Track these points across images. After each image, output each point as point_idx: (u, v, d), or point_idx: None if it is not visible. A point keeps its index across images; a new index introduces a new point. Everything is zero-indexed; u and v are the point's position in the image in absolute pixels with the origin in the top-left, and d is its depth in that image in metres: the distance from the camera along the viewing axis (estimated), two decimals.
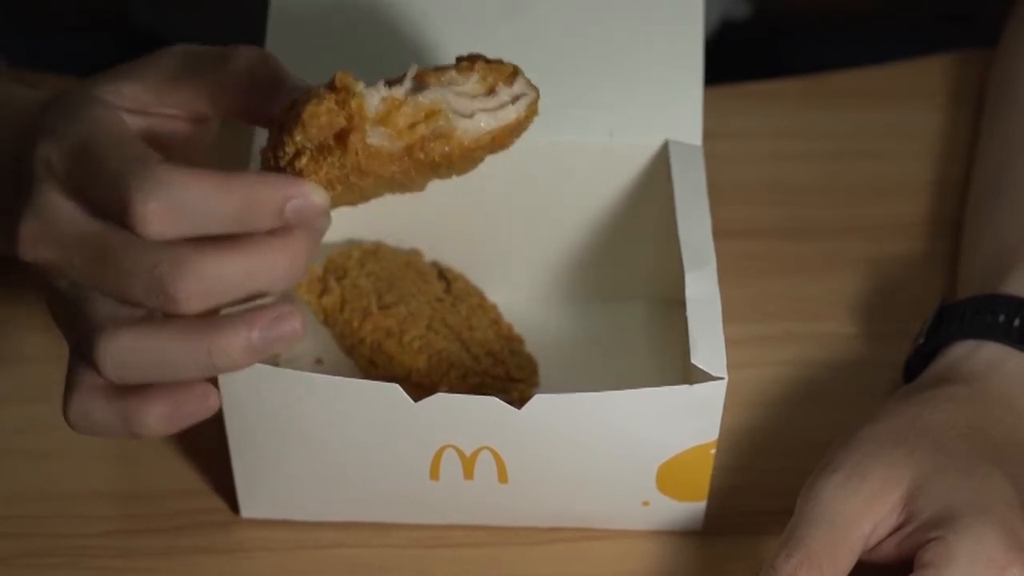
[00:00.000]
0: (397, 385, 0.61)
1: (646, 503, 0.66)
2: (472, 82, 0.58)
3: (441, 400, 0.62)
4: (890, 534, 0.61)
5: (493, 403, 0.62)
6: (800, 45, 0.98)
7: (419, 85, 0.57)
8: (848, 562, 0.60)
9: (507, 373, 0.71)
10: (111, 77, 0.60)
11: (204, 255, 0.55)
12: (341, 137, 0.56)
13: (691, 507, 0.67)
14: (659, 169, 0.72)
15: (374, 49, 0.72)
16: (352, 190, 0.58)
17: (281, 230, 0.56)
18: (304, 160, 0.56)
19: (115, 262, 0.56)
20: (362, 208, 0.74)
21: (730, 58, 0.91)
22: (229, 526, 0.68)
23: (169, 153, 0.58)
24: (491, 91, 0.58)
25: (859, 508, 0.61)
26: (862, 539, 0.61)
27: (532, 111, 0.59)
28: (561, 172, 0.72)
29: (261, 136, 0.68)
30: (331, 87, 0.56)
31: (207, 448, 0.70)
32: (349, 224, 0.75)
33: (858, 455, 0.62)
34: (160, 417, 0.58)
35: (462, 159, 0.58)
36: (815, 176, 0.85)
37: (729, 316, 0.64)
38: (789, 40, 0.99)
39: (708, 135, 0.71)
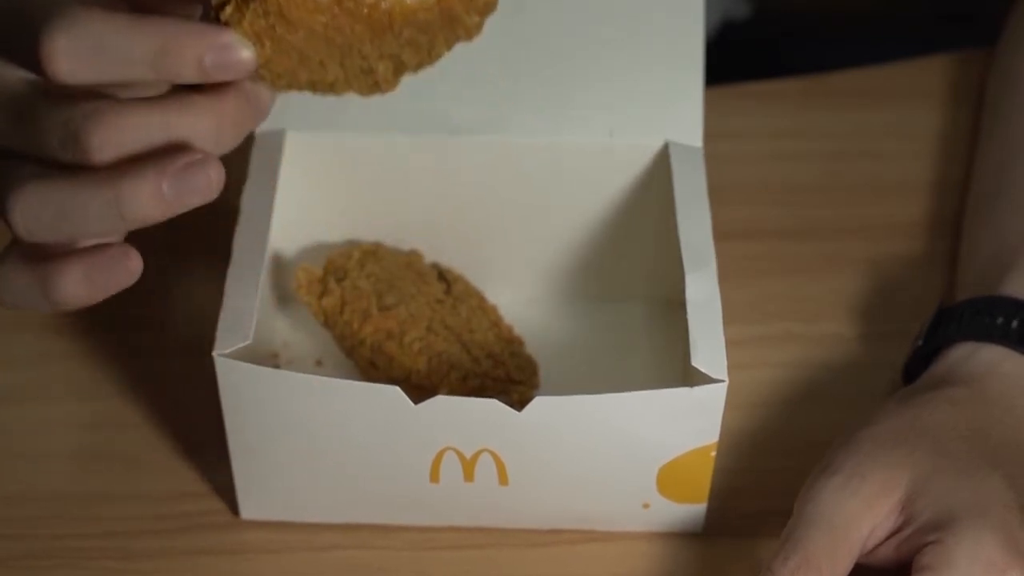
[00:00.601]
0: (397, 387, 0.61)
1: (646, 505, 0.66)
2: None
3: (441, 402, 0.62)
4: (888, 536, 0.61)
5: (493, 405, 0.62)
6: (800, 45, 0.98)
7: None
8: (846, 564, 0.60)
9: (507, 375, 0.71)
10: None
11: (122, 106, 0.53)
12: None
13: (691, 509, 0.67)
14: (659, 169, 0.72)
15: None
16: (284, 50, 0.55)
17: (207, 88, 0.55)
18: (229, 10, 0.54)
19: (36, 118, 0.55)
20: (362, 208, 0.74)
21: (730, 58, 0.91)
22: (229, 527, 0.68)
23: None
24: None
25: (858, 510, 0.61)
26: (860, 541, 0.61)
27: None
28: (561, 172, 0.72)
29: (262, 136, 0.68)
30: None
31: (207, 449, 0.70)
32: (349, 224, 0.75)
33: (857, 457, 0.62)
34: (76, 281, 0.55)
35: (405, 22, 0.55)
36: (815, 176, 0.85)
37: (729, 317, 0.64)
38: (789, 40, 0.99)
39: (708, 135, 0.71)
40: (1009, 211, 0.75)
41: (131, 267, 0.56)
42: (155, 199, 0.53)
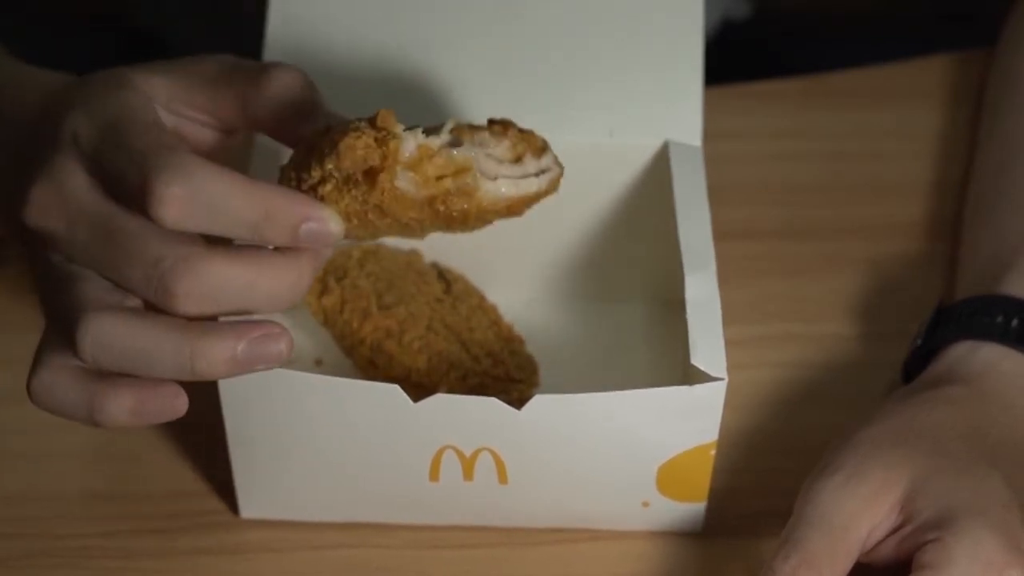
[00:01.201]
0: (397, 386, 0.61)
1: (646, 504, 0.66)
2: (503, 147, 0.59)
3: (441, 401, 0.62)
4: (888, 535, 0.61)
5: (493, 404, 0.62)
6: (800, 45, 0.98)
7: (454, 139, 0.58)
8: (846, 564, 0.60)
9: (507, 374, 0.71)
10: (148, 68, 0.60)
11: (211, 258, 0.55)
12: (370, 174, 0.56)
13: (691, 508, 0.67)
14: (659, 169, 0.71)
15: (373, 49, 0.72)
16: (365, 227, 0.58)
17: (289, 250, 0.57)
18: (328, 187, 0.56)
19: (121, 245, 0.56)
20: None
21: (730, 58, 0.91)
22: (229, 526, 0.68)
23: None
24: (518, 159, 0.59)
25: (857, 509, 0.61)
26: (860, 540, 0.61)
27: (553, 186, 0.60)
28: None
29: (262, 141, 0.69)
30: (371, 123, 0.57)
31: (207, 448, 0.70)
32: None
33: (856, 457, 0.62)
34: (124, 409, 0.57)
35: (476, 219, 0.59)
36: (815, 176, 0.85)
37: (729, 317, 0.64)
38: (789, 40, 0.99)
39: (708, 135, 0.71)
40: (1009, 211, 0.75)
41: (178, 407, 0.58)
42: (228, 361, 0.56)
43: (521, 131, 0.59)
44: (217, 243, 0.56)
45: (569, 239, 0.75)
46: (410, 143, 0.57)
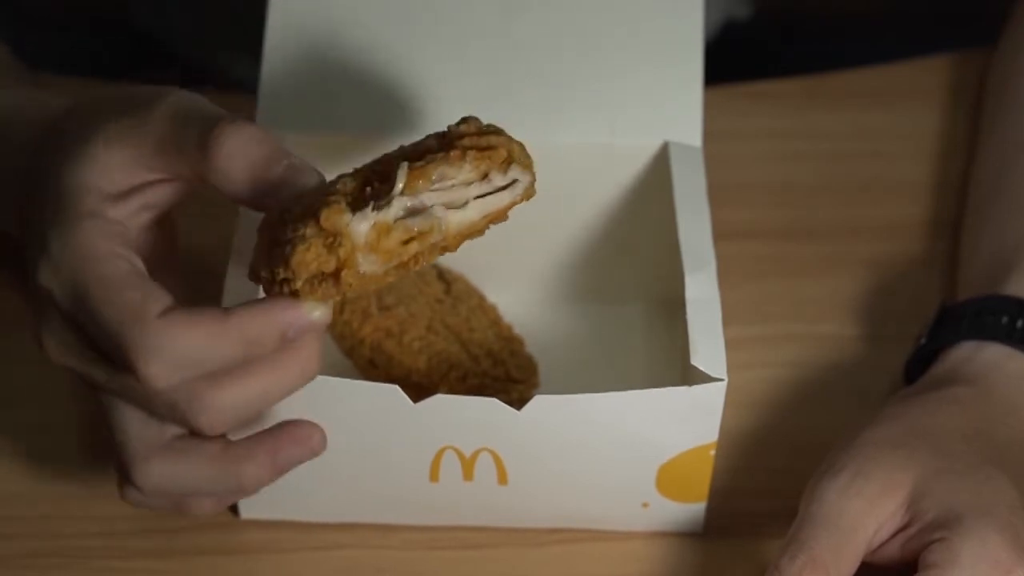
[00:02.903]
0: (397, 386, 0.61)
1: (646, 504, 0.66)
2: (464, 172, 0.57)
3: (441, 401, 0.62)
4: (893, 535, 0.61)
5: (493, 404, 0.62)
6: (800, 45, 0.98)
7: (409, 197, 0.56)
8: (852, 564, 0.60)
9: (507, 374, 0.71)
10: (104, 139, 0.59)
11: (219, 387, 0.57)
12: (334, 274, 0.56)
13: (691, 508, 0.67)
14: (659, 170, 0.71)
15: (372, 49, 0.72)
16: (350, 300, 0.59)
17: (288, 347, 0.57)
18: (298, 283, 0.56)
19: (132, 392, 0.58)
20: None
21: (731, 58, 0.91)
22: (229, 527, 0.68)
23: (160, 214, 0.61)
24: (484, 177, 0.58)
25: (863, 509, 0.61)
26: (866, 540, 0.61)
27: (528, 195, 0.59)
28: (561, 172, 0.72)
29: None
30: (316, 221, 0.55)
31: None
32: None
33: (861, 457, 0.62)
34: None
35: (457, 243, 0.58)
36: (815, 176, 0.85)
37: (729, 317, 0.64)
38: (789, 40, 0.99)
39: (708, 135, 0.71)
40: (1009, 211, 0.75)
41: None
42: (270, 472, 0.60)
43: (481, 150, 0.57)
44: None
45: (569, 239, 0.75)
46: (362, 226, 0.55)
